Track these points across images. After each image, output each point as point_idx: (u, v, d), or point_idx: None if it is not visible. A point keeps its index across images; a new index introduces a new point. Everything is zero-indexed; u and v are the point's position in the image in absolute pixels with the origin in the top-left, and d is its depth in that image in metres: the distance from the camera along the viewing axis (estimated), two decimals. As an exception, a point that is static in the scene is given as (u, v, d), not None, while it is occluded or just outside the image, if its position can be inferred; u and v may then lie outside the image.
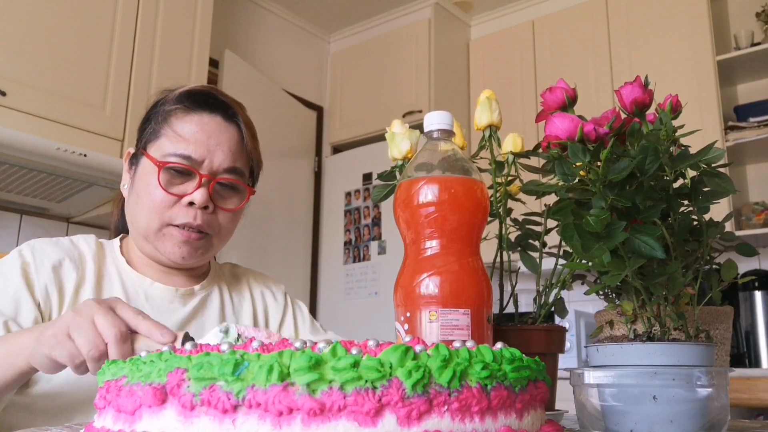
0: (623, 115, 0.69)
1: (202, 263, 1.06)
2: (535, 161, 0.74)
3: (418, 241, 0.66)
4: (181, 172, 0.97)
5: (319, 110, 3.95)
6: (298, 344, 0.43)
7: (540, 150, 0.73)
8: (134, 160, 1.03)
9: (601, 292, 0.69)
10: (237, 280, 1.16)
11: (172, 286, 1.03)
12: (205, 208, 0.97)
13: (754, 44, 2.93)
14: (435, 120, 0.69)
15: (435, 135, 0.69)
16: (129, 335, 0.71)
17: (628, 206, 0.62)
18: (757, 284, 2.68)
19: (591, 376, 0.60)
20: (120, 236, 1.09)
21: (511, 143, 0.80)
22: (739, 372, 2.43)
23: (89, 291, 0.96)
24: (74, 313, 0.72)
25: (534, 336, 0.74)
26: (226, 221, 1.01)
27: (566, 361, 2.69)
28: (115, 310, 0.73)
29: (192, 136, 0.98)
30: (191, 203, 0.96)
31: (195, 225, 0.96)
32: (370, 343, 0.49)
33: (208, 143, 0.98)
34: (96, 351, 0.69)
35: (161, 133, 0.99)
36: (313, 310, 3.58)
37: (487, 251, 0.71)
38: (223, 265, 1.19)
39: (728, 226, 1.14)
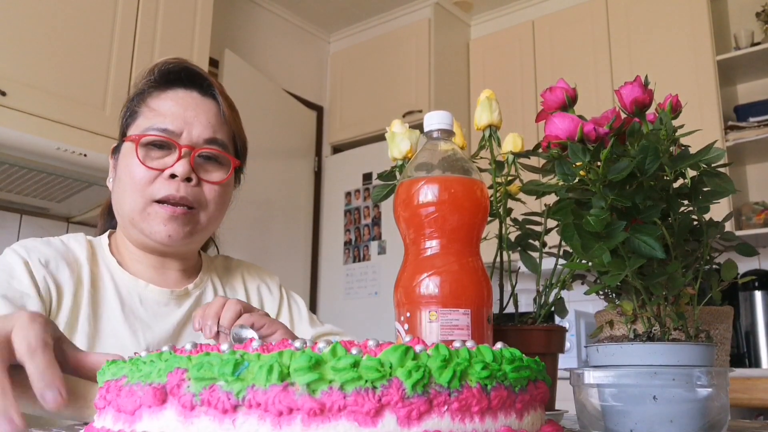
0: (623, 115, 0.68)
1: (190, 246, 1.03)
2: (535, 161, 0.74)
3: (418, 241, 0.66)
4: (160, 145, 0.95)
5: (319, 110, 3.95)
6: (298, 344, 0.43)
7: (540, 150, 0.73)
8: (116, 150, 1.03)
9: (601, 292, 0.69)
10: (230, 273, 1.15)
11: (166, 287, 1.02)
12: (188, 180, 0.95)
13: (754, 44, 2.93)
14: (435, 120, 0.69)
15: (435, 135, 0.69)
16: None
17: (628, 206, 0.62)
18: (757, 284, 2.68)
19: (591, 376, 0.60)
20: (108, 232, 1.06)
21: (511, 143, 0.80)
22: (739, 372, 2.43)
23: (86, 294, 0.95)
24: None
25: (534, 336, 0.74)
26: (213, 195, 0.98)
27: (566, 361, 2.68)
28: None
29: (168, 110, 0.97)
30: (173, 176, 0.94)
31: (178, 197, 0.94)
32: (370, 343, 0.49)
33: (185, 115, 0.97)
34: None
35: (138, 113, 0.99)
36: (313, 310, 3.57)
37: (487, 251, 0.71)
38: (216, 258, 1.17)
39: (728, 226, 1.14)
